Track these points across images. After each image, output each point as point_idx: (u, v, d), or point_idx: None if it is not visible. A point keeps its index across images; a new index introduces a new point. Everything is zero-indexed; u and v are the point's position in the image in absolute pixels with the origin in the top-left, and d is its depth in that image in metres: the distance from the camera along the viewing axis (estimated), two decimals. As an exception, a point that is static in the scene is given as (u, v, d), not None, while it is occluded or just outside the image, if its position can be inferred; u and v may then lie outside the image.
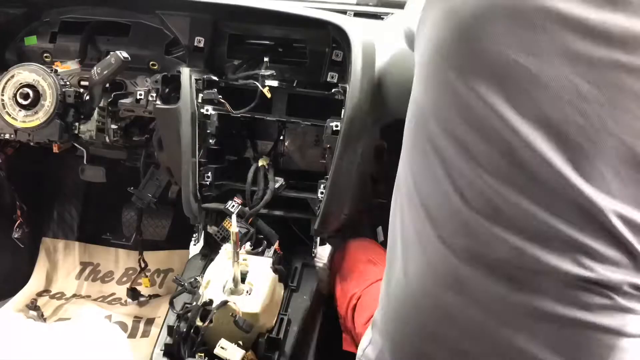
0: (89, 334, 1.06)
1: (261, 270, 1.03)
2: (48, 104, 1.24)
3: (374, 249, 1.19)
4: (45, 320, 1.67)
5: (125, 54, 1.20)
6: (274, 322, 1.00)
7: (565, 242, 0.52)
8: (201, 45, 1.25)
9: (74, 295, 1.78)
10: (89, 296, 1.78)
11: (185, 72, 1.19)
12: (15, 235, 1.62)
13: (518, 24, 0.52)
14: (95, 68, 1.23)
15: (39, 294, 1.77)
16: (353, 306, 1.00)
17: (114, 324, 1.29)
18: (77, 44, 1.37)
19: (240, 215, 1.16)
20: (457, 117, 0.56)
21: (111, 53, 1.22)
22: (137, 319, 1.70)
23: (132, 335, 1.65)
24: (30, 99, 1.23)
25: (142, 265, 1.66)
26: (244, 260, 1.02)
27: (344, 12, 1.34)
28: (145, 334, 1.65)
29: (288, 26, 1.25)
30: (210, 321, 0.89)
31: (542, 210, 0.52)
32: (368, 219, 1.60)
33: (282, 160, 1.37)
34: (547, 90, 0.51)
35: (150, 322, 1.69)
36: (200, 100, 1.19)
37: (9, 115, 1.24)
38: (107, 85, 1.29)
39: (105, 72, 1.22)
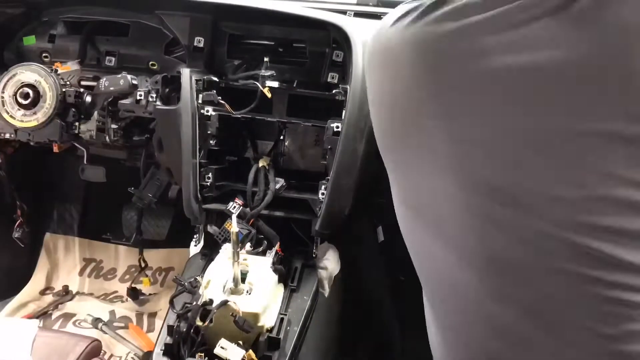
0: None
1: (261, 270, 1.03)
2: (47, 105, 1.24)
3: None
4: (50, 316, 1.68)
5: (135, 81, 1.21)
6: (274, 322, 1.00)
7: None
8: (201, 45, 1.25)
9: (77, 293, 1.79)
10: (91, 293, 1.79)
11: (185, 73, 1.19)
12: (16, 235, 1.63)
13: None
14: (103, 80, 1.24)
15: (42, 292, 1.78)
16: None
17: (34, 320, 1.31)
18: (76, 44, 1.37)
19: (241, 217, 1.16)
20: None
21: (123, 74, 1.23)
22: (139, 313, 1.71)
23: (137, 330, 1.66)
24: (30, 99, 1.24)
25: (143, 265, 1.67)
26: (244, 260, 1.02)
27: (344, 12, 1.34)
28: (151, 328, 1.66)
29: (288, 26, 1.25)
30: (211, 321, 0.89)
31: None
32: (369, 219, 1.60)
33: (283, 160, 1.37)
34: None
35: (152, 315, 1.71)
36: (200, 101, 1.19)
37: (8, 113, 1.24)
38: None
39: (111, 89, 1.23)
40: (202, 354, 0.89)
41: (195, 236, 1.23)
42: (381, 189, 1.40)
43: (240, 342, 0.91)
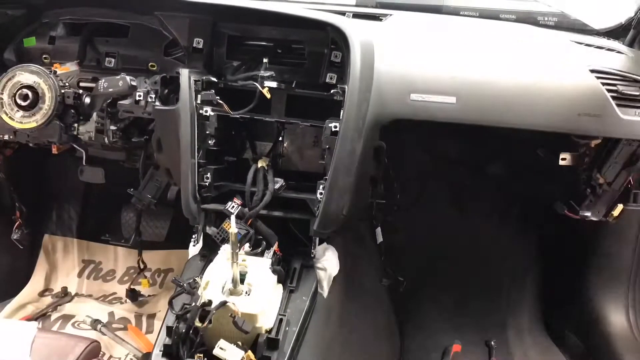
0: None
1: (260, 271, 1.03)
2: (46, 107, 1.24)
3: None
4: (49, 318, 1.68)
5: (134, 82, 1.22)
6: (273, 322, 1.00)
7: None
8: (200, 46, 1.25)
9: (76, 294, 1.79)
10: (90, 295, 1.79)
11: (184, 74, 1.19)
12: (15, 237, 1.63)
13: None
14: (102, 81, 1.25)
15: (41, 293, 1.78)
16: None
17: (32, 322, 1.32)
18: (76, 45, 1.37)
19: (239, 217, 1.16)
20: None
21: (122, 75, 1.23)
22: (138, 315, 1.71)
23: (136, 331, 1.66)
24: (29, 100, 1.24)
25: (142, 266, 1.67)
26: (243, 261, 1.02)
27: (342, 13, 1.35)
28: (150, 330, 1.66)
29: (287, 27, 1.25)
30: (209, 322, 0.89)
31: None
32: (368, 219, 1.60)
33: (281, 161, 1.37)
34: None
35: (151, 317, 1.71)
36: (199, 101, 1.19)
37: (7, 114, 1.24)
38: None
39: (110, 90, 1.24)
40: (201, 355, 0.89)
41: (193, 236, 1.23)
42: (380, 190, 1.40)
43: (239, 343, 0.91)
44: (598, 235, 1.56)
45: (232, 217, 0.99)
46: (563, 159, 1.33)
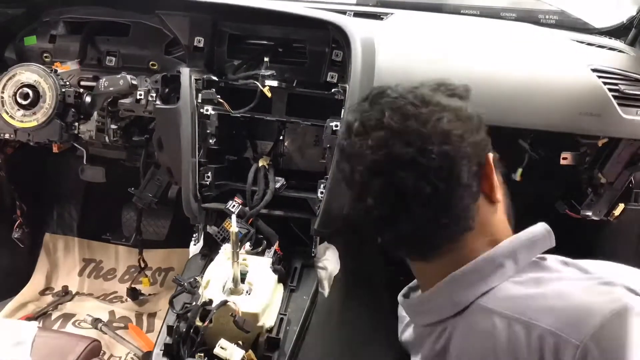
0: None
1: (261, 270, 1.03)
2: (47, 106, 1.24)
3: None
4: (50, 317, 1.68)
5: (135, 81, 1.22)
6: (274, 322, 1.00)
7: None
8: (201, 45, 1.25)
9: (77, 293, 1.79)
10: (91, 294, 1.79)
11: (185, 72, 1.19)
12: (16, 235, 1.62)
13: None
14: (103, 80, 1.25)
15: (42, 292, 1.78)
16: None
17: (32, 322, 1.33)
18: (76, 44, 1.37)
19: (240, 216, 1.16)
20: None
21: (122, 74, 1.24)
22: (139, 314, 1.71)
23: (137, 330, 1.66)
24: (30, 99, 1.24)
25: (142, 265, 1.67)
26: (244, 260, 1.02)
27: (343, 12, 1.34)
28: (150, 328, 1.66)
29: (288, 26, 1.25)
30: (210, 321, 0.89)
31: None
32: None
33: (282, 160, 1.37)
34: None
35: (152, 315, 1.70)
36: (200, 100, 1.19)
37: (7, 113, 1.24)
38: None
39: (111, 89, 1.24)
40: (202, 354, 0.89)
41: (194, 235, 1.23)
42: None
43: (240, 342, 0.91)
44: (599, 235, 1.55)
45: (233, 216, 0.99)
46: (564, 159, 1.33)
